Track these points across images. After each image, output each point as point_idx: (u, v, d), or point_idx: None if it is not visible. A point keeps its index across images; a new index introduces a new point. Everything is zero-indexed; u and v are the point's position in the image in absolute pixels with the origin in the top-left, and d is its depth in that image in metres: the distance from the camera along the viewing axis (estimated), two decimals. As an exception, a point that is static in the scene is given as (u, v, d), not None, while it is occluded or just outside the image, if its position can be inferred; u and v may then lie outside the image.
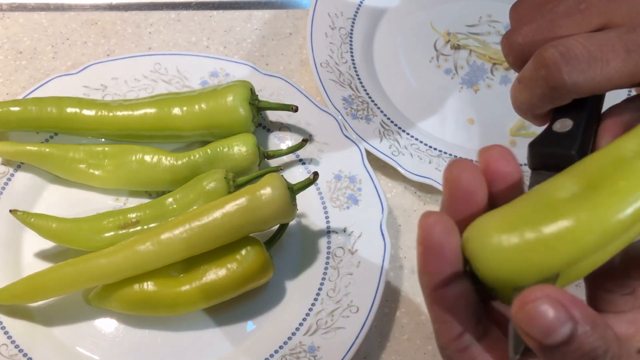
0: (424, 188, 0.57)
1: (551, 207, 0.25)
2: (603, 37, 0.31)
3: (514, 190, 0.28)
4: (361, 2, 0.67)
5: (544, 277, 0.25)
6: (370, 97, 0.61)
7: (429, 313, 0.28)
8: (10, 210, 0.50)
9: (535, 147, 0.32)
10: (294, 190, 0.49)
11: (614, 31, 0.32)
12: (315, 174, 0.50)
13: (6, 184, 0.54)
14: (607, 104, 0.33)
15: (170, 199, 0.52)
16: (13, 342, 0.48)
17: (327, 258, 0.52)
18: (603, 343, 0.24)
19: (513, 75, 0.64)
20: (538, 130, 0.34)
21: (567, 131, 0.31)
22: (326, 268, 0.52)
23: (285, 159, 0.57)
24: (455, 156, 0.58)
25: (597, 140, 0.32)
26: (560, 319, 0.23)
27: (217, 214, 0.47)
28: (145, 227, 0.51)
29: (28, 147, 0.54)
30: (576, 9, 0.33)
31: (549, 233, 0.25)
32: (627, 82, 0.31)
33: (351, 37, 0.65)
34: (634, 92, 0.54)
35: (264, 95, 0.58)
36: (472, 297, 0.27)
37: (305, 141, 0.55)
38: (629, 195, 0.25)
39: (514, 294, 0.25)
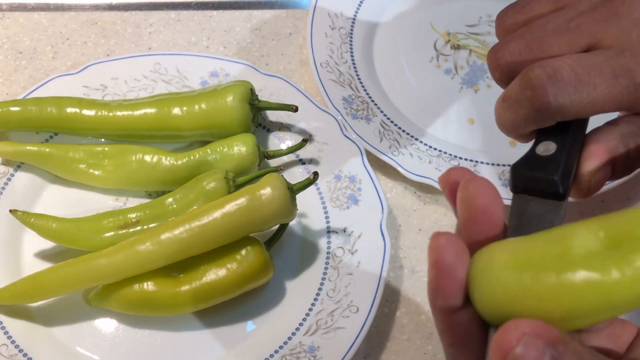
0: (424, 188, 0.57)
1: (564, 256, 0.24)
2: (591, 59, 0.31)
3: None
4: (361, 2, 0.67)
5: None
6: (370, 97, 0.61)
7: (443, 338, 0.27)
8: (10, 210, 0.50)
9: (518, 170, 0.31)
10: (294, 190, 0.49)
11: (603, 54, 0.31)
12: (315, 174, 0.50)
13: (6, 184, 0.54)
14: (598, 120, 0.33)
15: (170, 199, 0.52)
16: (13, 342, 0.48)
17: (327, 258, 0.52)
18: (577, 356, 0.24)
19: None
20: None
21: (551, 155, 0.31)
22: (326, 268, 0.52)
23: (285, 159, 0.57)
24: (455, 156, 0.58)
25: (581, 165, 0.31)
26: (541, 352, 0.23)
27: (217, 214, 0.47)
28: (145, 227, 0.51)
29: (28, 147, 0.54)
30: (566, 27, 0.33)
31: (553, 285, 0.24)
32: (613, 107, 0.31)
33: (351, 37, 0.65)
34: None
35: (264, 95, 0.58)
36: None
37: (305, 141, 0.55)
38: None
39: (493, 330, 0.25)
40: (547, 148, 0.31)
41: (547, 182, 0.30)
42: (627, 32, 0.32)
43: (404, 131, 0.59)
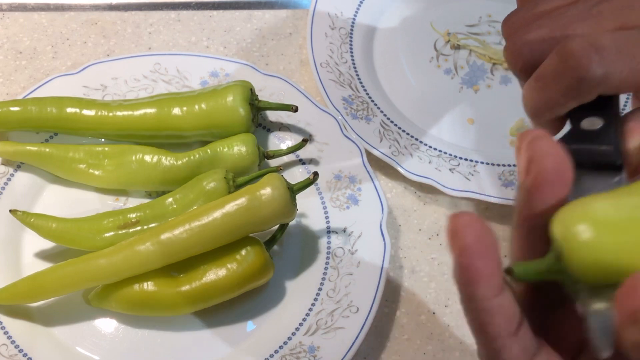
0: (424, 188, 0.57)
1: None
2: (626, 34, 0.30)
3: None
4: (361, 2, 0.67)
5: None
6: (370, 97, 0.61)
7: (482, 332, 0.25)
8: (10, 210, 0.50)
9: (566, 144, 0.28)
10: (294, 190, 0.49)
11: (635, 30, 0.30)
12: (315, 174, 0.50)
13: (6, 184, 0.54)
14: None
15: (170, 199, 0.52)
16: (13, 342, 0.48)
17: (327, 258, 0.52)
18: None
19: (513, 75, 0.64)
20: None
21: (599, 128, 0.30)
22: (326, 268, 0.52)
23: (285, 159, 0.57)
24: (455, 156, 0.58)
25: (625, 142, 0.30)
26: None
27: (217, 214, 0.47)
28: (145, 227, 0.51)
29: (28, 147, 0.54)
30: (588, 14, 0.32)
31: None
32: None
33: (351, 37, 0.65)
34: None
35: (264, 95, 0.58)
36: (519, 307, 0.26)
37: (305, 141, 0.55)
38: None
39: (604, 291, 0.24)
40: (593, 123, 0.30)
41: (603, 154, 0.29)
42: None
43: (404, 131, 0.59)
